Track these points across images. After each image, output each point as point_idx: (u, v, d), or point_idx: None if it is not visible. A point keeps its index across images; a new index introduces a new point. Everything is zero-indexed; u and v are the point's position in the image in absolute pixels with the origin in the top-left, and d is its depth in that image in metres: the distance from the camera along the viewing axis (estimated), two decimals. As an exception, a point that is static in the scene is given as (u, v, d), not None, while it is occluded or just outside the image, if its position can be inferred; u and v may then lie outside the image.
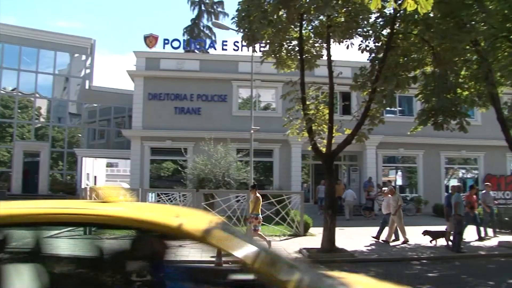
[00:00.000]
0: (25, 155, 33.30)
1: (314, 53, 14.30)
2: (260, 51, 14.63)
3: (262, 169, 28.58)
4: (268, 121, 26.51)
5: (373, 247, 14.68)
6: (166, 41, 28.31)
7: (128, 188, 27.97)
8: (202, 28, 45.50)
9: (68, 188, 33.13)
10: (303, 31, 13.50)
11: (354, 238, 16.18)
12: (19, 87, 34.30)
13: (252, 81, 19.46)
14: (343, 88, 20.00)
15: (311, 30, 13.96)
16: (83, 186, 30.99)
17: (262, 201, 14.86)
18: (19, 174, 32.63)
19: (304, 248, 13.24)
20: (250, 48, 15.34)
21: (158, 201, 21.04)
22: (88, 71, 36.42)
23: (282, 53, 14.21)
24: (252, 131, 18.52)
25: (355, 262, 12.19)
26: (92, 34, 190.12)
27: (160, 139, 27.18)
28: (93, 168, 40.49)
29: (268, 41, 13.55)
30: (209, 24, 45.09)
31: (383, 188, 17.79)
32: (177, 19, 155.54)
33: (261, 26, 12.17)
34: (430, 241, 15.04)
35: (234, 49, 28.43)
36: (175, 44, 28.47)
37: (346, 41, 13.11)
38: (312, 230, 17.42)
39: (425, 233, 15.09)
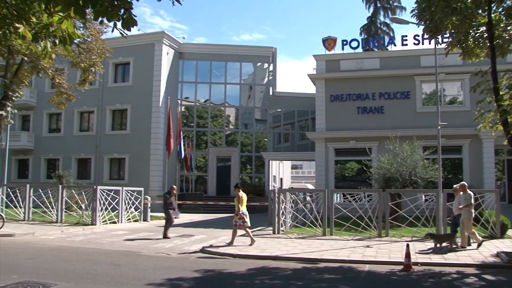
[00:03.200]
0: (217, 160, 36.27)
1: (507, 37, 13.04)
2: (443, 42, 13.82)
3: (450, 167, 26.95)
4: (455, 115, 25.12)
5: None
6: (345, 42, 28.43)
7: (313, 189, 28.68)
8: (379, 25, 44.54)
9: (257, 190, 35.14)
10: (492, 15, 12.40)
11: None
12: (211, 98, 37.50)
13: (437, 75, 18.46)
14: (543, 73, 17.92)
15: (502, 12, 12.71)
16: (270, 188, 32.58)
17: (452, 200, 14.06)
18: (213, 177, 35.69)
19: (503, 252, 12.11)
20: (433, 40, 14.57)
21: (344, 201, 21.20)
22: (270, 78, 38.22)
23: (469, 42, 13.23)
24: (439, 127, 17.57)
25: None
26: (272, 43, 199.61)
27: (344, 139, 27.39)
28: (278, 170, 42.35)
29: (452, 31, 12.75)
30: (386, 20, 44.10)
31: (454, 186, 15.11)
32: (353, 19, 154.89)
33: (444, 15, 11.49)
34: (435, 245, 13.25)
35: (414, 43, 27.45)
36: (354, 44, 28.45)
37: (547, 18, 11.65)
38: (510, 232, 15.99)
39: (429, 236, 13.52)
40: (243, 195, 14.86)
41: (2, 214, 18.72)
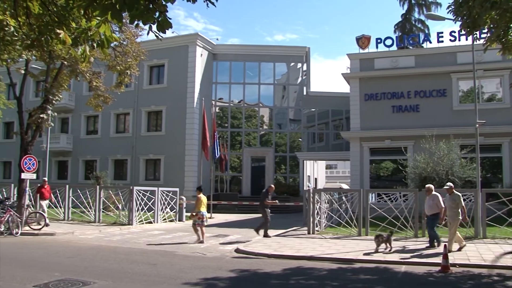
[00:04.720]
0: (252, 161, 36.39)
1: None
2: (481, 38, 13.46)
3: (489, 166, 26.30)
4: (494, 113, 24.61)
5: None
6: (379, 40, 28.14)
7: (348, 189, 28.48)
8: (413, 22, 43.75)
9: (292, 190, 35.08)
10: (535, 8, 12.01)
11: None
12: (245, 99, 37.65)
13: (474, 72, 18.06)
14: None
15: (546, 4, 12.31)
16: (305, 188, 32.48)
17: (491, 200, 13.81)
18: (248, 178, 35.82)
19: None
20: (470, 36, 14.22)
21: (379, 201, 20.95)
22: (304, 78, 38.09)
23: (509, 37, 12.84)
24: (477, 125, 17.18)
25: None
26: (306, 42, 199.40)
27: (379, 139, 27.11)
28: (313, 170, 42.19)
29: (491, 26, 12.42)
30: (421, 17, 43.26)
31: (427, 186, 14.60)
32: (387, 16, 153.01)
33: (483, 10, 11.18)
34: (376, 247, 12.97)
35: (450, 40, 26.89)
36: (388, 42, 28.15)
37: None
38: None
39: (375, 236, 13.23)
40: (202, 197, 16.03)
41: (44, 214, 19.24)
